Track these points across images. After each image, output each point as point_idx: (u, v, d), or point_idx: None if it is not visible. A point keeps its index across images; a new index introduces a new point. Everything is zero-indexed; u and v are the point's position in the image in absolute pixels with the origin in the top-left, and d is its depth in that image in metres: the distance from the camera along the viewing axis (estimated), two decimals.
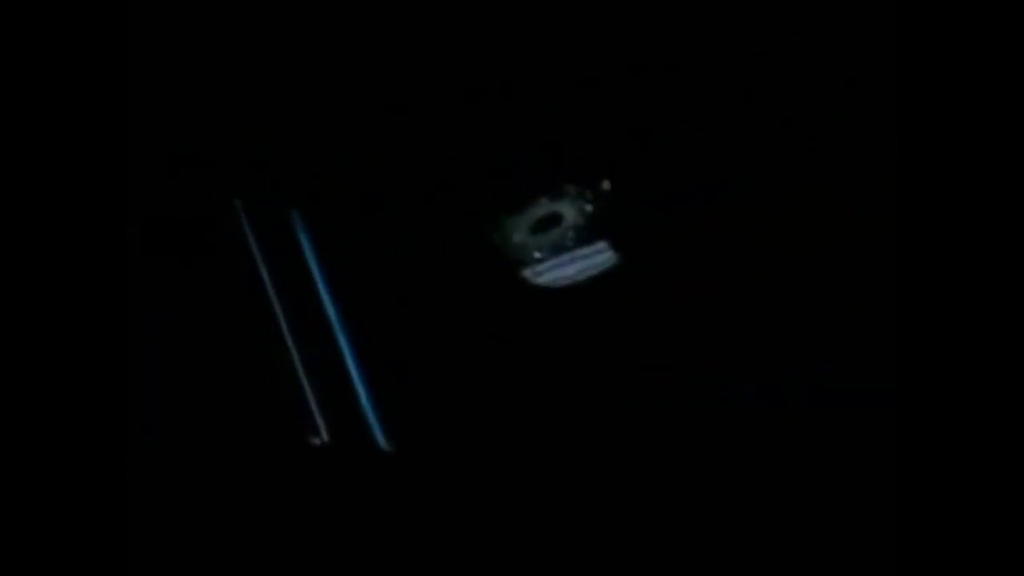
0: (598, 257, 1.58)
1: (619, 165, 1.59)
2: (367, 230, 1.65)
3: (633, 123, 1.61)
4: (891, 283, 1.75)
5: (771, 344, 1.89)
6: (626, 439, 1.80)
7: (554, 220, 1.59)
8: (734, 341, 1.80)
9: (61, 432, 1.83)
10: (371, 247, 1.65)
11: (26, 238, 1.88)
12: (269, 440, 1.89)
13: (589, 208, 1.58)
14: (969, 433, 1.73)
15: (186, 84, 2.10)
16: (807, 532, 2.05)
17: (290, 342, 1.68)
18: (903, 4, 1.83)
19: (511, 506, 1.72)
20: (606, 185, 1.57)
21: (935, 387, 1.75)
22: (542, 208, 1.58)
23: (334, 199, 1.67)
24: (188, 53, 2.09)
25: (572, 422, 1.66)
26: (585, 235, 1.58)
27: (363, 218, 1.66)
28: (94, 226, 1.93)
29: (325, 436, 1.66)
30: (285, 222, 1.70)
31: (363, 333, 1.66)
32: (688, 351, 1.72)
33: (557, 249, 1.58)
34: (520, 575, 1.80)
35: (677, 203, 1.58)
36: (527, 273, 1.58)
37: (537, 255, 1.58)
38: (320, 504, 1.88)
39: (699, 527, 1.95)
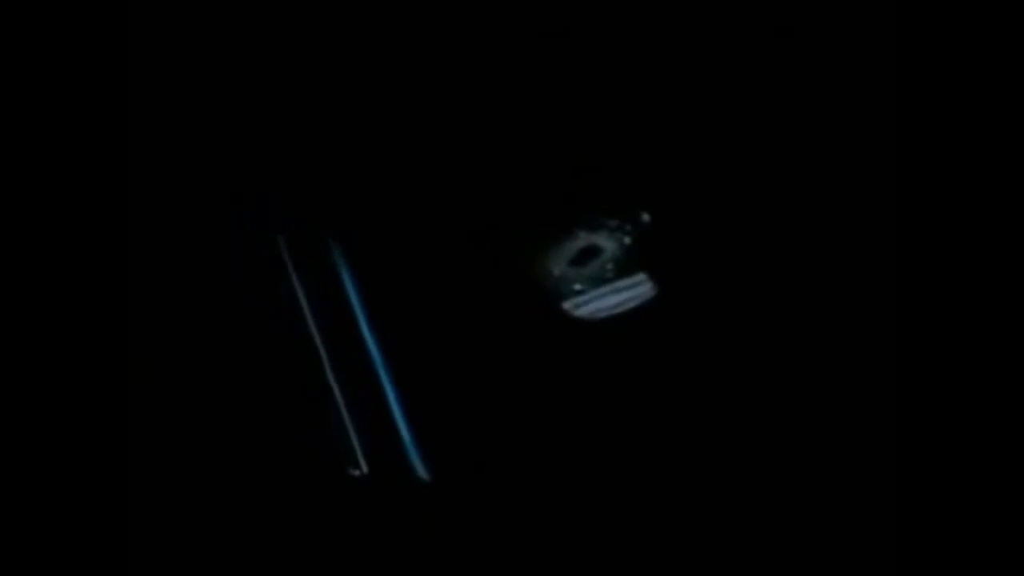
0: (637, 289, 1.59)
1: (657, 197, 1.60)
2: (407, 262, 1.67)
3: (669, 156, 1.63)
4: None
5: (812, 378, 1.91)
6: (662, 469, 1.82)
7: (593, 252, 1.60)
8: (771, 371, 1.81)
9: (62, 432, 1.82)
10: (411, 279, 1.67)
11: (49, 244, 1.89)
12: (305, 469, 1.91)
13: (628, 240, 1.59)
14: (969, 433, 1.73)
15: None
16: (818, 532, 2.03)
17: (329, 373, 1.70)
18: (903, 4, 1.83)
19: (550, 535, 1.73)
20: (645, 217, 1.58)
21: (935, 387, 1.77)
22: (581, 241, 1.60)
23: (375, 232, 1.70)
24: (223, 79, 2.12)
25: (610, 453, 1.66)
26: (624, 267, 1.59)
27: (404, 251, 1.68)
28: (100, 239, 1.93)
29: (364, 467, 1.67)
30: (326, 253, 1.73)
31: (402, 365, 1.67)
32: (725, 382, 1.74)
33: (596, 281, 1.59)
34: None
35: (714, 234, 1.60)
36: (567, 305, 1.59)
37: (577, 287, 1.60)
38: (358, 534, 1.89)
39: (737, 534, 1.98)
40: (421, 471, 1.62)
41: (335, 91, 1.76)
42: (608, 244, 1.59)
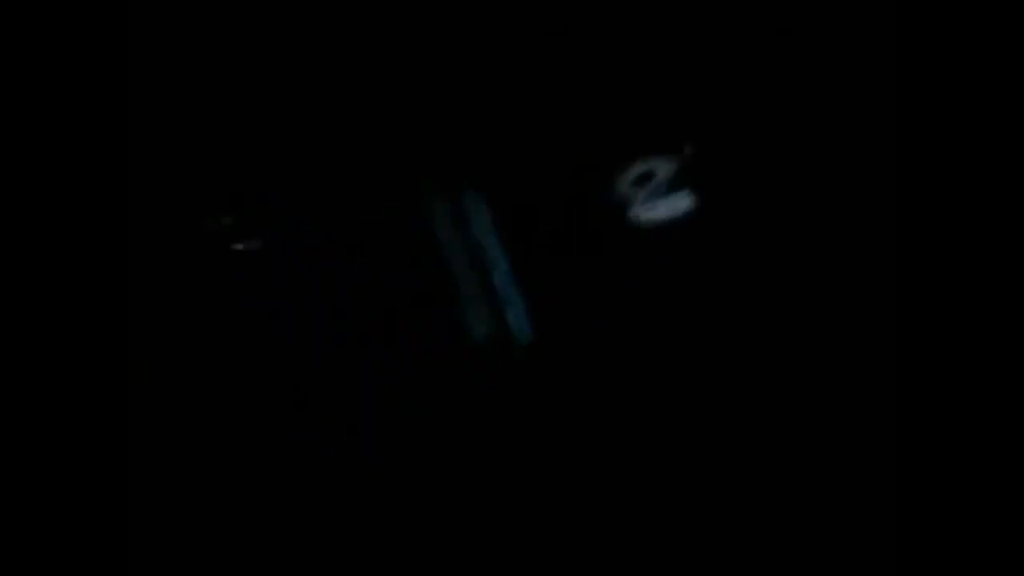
0: (681, 202, 2.15)
1: (698, 134, 2.16)
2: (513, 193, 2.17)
3: (706, 103, 2.19)
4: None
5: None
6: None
7: (649, 176, 2.16)
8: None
9: (63, 432, 1.88)
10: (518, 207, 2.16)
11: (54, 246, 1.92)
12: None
13: (675, 166, 2.16)
14: (968, 434, 1.82)
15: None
16: (813, 532, 2.17)
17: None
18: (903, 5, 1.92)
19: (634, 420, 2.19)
20: (688, 149, 2.15)
21: (934, 387, 1.85)
22: (641, 167, 2.15)
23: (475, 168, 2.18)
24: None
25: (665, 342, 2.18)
26: (672, 186, 2.15)
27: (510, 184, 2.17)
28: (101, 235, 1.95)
29: (487, 332, 2.15)
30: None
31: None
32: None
33: (652, 196, 2.15)
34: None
35: (741, 162, 2.15)
36: (630, 215, 2.14)
37: (638, 201, 2.15)
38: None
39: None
40: (525, 336, 2.12)
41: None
42: (661, 169, 2.15)
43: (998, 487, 1.83)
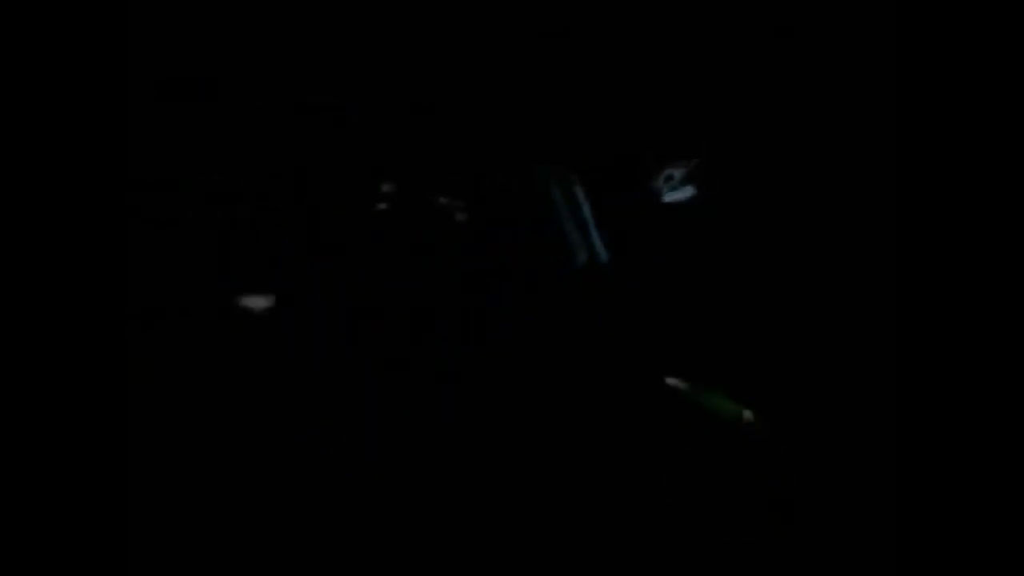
0: (687, 192, 3.67)
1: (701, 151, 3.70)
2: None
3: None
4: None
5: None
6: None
7: (671, 177, 3.68)
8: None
9: (64, 431, 1.90)
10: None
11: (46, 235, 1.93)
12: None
13: (683, 171, 3.70)
14: (969, 435, 1.83)
15: None
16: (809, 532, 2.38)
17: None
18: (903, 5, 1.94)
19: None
20: (691, 164, 3.70)
21: (935, 389, 1.86)
22: (666, 172, 3.68)
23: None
24: None
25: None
26: (683, 183, 3.69)
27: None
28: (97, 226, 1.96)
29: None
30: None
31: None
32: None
33: (672, 189, 3.67)
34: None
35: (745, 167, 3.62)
36: (661, 198, 3.66)
37: (665, 191, 3.67)
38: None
39: None
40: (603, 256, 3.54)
41: None
42: (676, 173, 3.69)
43: (998, 488, 1.78)
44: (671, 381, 3.05)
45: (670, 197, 3.59)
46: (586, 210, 3.46)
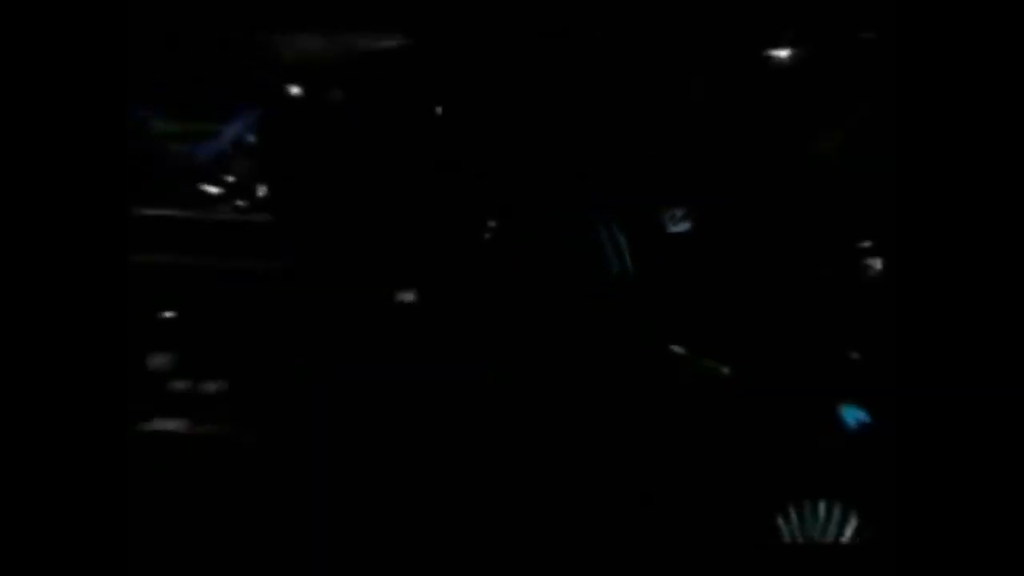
0: (685, 225, 5.29)
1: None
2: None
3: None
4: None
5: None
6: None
7: (674, 216, 5.29)
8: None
9: (65, 429, 1.91)
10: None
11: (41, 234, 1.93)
12: None
13: (683, 211, 5.32)
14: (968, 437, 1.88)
15: None
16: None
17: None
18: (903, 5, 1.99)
19: None
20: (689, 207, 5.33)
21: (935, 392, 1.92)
22: (672, 211, 5.30)
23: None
24: None
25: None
26: (682, 219, 5.32)
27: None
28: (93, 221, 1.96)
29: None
30: None
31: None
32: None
33: (675, 223, 5.29)
34: None
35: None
36: (669, 229, 5.26)
37: (670, 224, 5.29)
38: None
39: None
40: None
41: None
42: (677, 215, 5.31)
43: (998, 488, 1.78)
44: (675, 348, 4.59)
45: (673, 228, 5.24)
46: (619, 236, 5.07)
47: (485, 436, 3.71)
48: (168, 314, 3.70)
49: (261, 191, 4.40)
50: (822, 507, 3.24)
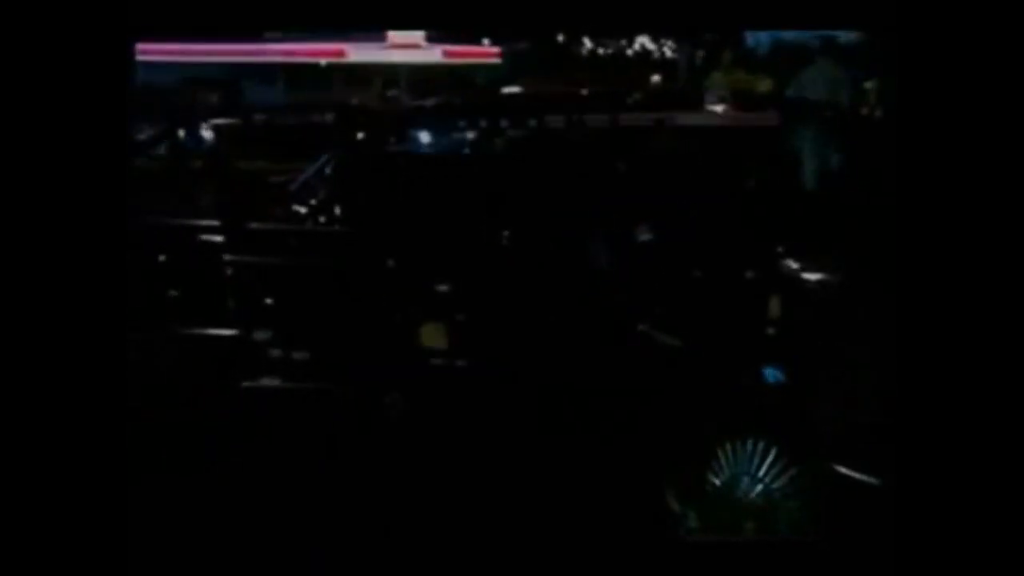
0: (650, 235, 7.00)
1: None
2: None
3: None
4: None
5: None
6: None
7: (644, 230, 7.02)
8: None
9: (65, 428, 1.90)
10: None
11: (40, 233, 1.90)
12: None
13: (648, 226, 7.04)
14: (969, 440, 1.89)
15: None
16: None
17: None
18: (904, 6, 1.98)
19: None
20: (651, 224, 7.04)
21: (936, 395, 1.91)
22: (642, 226, 7.01)
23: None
24: None
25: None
26: (647, 232, 7.04)
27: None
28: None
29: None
30: None
31: None
32: None
33: (643, 235, 7.02)
34: None
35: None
36: (638, 239, 6.98)
37: (639, 236, 7.01)
38: None
39: None
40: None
41: None
42: (644, 233, 7.04)
43: (998, 488, 1.80)
44: (642, 327, 6.25)
45: (642, 239, 6.96)
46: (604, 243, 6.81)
47: (485, 436, 4.89)
48: (268, 300, 4.74)
49: (335, 210, 6.01)
50: (750, 443, 4.62)
